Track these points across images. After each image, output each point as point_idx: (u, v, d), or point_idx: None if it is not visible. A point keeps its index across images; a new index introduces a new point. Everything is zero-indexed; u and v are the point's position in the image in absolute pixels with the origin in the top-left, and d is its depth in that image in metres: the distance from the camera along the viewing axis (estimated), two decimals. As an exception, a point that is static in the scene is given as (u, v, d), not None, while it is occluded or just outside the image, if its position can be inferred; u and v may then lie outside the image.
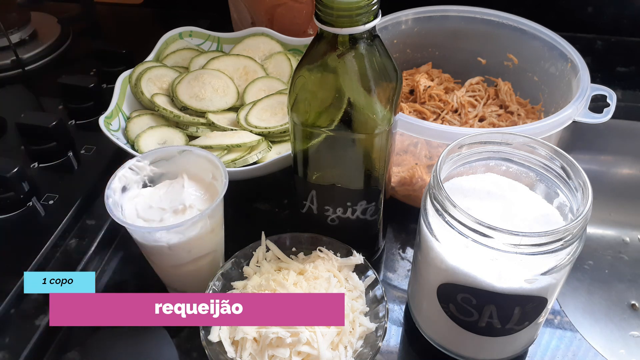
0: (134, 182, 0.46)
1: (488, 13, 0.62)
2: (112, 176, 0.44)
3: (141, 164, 0.46)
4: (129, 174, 0.45)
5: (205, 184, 0.46)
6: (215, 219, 0.44)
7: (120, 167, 0.44)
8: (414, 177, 0.53)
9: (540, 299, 0.37)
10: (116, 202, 0.43)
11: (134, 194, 0.45)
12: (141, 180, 0.46)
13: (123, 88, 0.60)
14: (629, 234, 0.61)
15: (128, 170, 0.45)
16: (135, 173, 0.46)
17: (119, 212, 0.43)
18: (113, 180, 0.44)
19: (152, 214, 0.44)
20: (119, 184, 0.44)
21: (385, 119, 0.40)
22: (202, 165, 0.46)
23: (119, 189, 0.44)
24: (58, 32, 0.82)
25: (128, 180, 0.45)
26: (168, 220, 0.43)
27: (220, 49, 0.68)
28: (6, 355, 0.44)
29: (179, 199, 0.44)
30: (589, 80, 0.53)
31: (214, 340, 0.40)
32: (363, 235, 0.49)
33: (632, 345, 0.51)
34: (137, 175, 0.46)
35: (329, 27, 0.36)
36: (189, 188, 0.45)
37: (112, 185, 0.43)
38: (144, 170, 0.46)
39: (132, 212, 0.44)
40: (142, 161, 0.46)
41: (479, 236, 0.34)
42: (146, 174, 0.46)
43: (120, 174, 0.44)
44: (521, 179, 0.42)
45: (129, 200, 0.45)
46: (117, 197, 0.44)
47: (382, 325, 0.42)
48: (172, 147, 0.48)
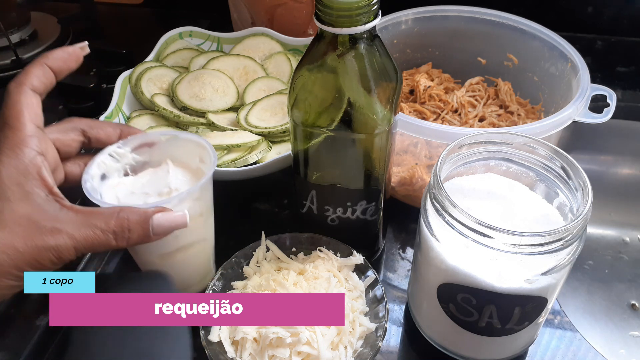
0: (115, 171, 0.42)
1: (488, 13, 0.62)
2: (90, 162, 0.41)
3: (122, 151, 0.42)
4: (109, 161, 0.42)
5: (192, 170, 0.43)
6: (203, 202, 0.42)
7: (99, 153, 0.41)
8: (414, 177, 0.53)
9: (540, 299, 0.37)
10: (94, 188, 0.40)
11: (114, 183, 0.42)
12: (122, 168, 0.43)
13: (123, 88, 0.60)
14: (629, 233, 0.61)
15: (108, 157, 0.42)
16: (115, 160, 0.42)
17: (98, 196, 0.39)
18: (91, 166, 0.40)
19: (135, 199, 0.41)
20: (98, 171, 0.41)
21: (385, 119, 0.40)
22: (188, 150, 0.43)
23: (98, 175, 0.41)
24: (58, 32, 0.82)
25: (108, 168, 0.42)
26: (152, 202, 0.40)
27: (220, 49, 0.68)
28: (6, 355, 0.44)
29: (164, 182, 0.42)
30: (589, 80, 0.53)
31: (214, 340, 0.40)
32: (363, 235, 0.49)
33: (632, 345, 0.51)
34: (118, 163, 0.42)
35: (329, 27, 0.36)
36: (175, 174, 0.43)
37: (90, 171, 0.40)
38: (125, 157, 0.43)
39: (113, 199, 0.41)
40: (123, 148, 0.42)
41: (479, 236, 0.34)
42: (127, 162, 0.43)
43: (99, 160, 0.41)
44: (521, 179, 0.42)
45: (110, 188, 0.42)
46: (96, 184, 0.41)
47: (382, 325, 0.42)
48: (156, 132, 0.45)
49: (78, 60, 0.40)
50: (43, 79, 0.37)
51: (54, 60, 0.38)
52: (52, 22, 0.84)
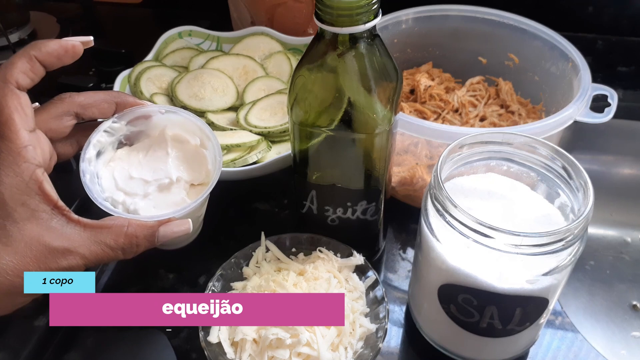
0: (109, 144, 0.40)
1: (489, 12, 0.62)
2: (86, 144, 0.38)
3: (117, 125, 0.40)
4: (105, 138, 0.40)
5: (192, 150, 0.42)
6: (203, 206, 0.42)
7: (94, 132, 0.39)
8: (414, 177, 0.53)
9: (542, 300, 0.37)
10: (93, 174, 0.39)
11: (108, 157, 0.40)
12: (116, 140, 0.41)
13: (122, 88, 0.60)
14: (630, 234, 0.61)
15: (103, 134, 0.39)
16: (110, 135, 0.40)
17: (96, 187, 0.38)
18: (87, 149, 0.38)
19: (134, 186, 0.40)
20: (94, 151, 0.39)
21: (385, 118, 0.40)
22: (187, 126, 0.41)
23: (94, 156, 0.39)
24: (57, 32, 0.82)
25: (103, 144, 0.40)
26: (153, 196, 0.40)
27: (220, 49, 0.68)
28: (6, 355, 0.44)
29: (164, 168, 0.40)
30: (589, 79, 0.53)
31: (214, 342, 0.40)
32: (363, 235, 0.49)
33: (634, 346, 0.51)
34: (113, 137, 0.40)
35: (329, 26, 0.36)
36: (174, 155, 0.41)
37: (87, 155, 0.38)
38: (121, 131, 0.41)
39: (110, 182, 0.39)
40: (119, 122, 0.40)
41: (480, 236, 0.34)
42: (122, 133, 0.41)
43: (95, 140, 0.39)
44: (522, 179, 0.42)
45: (105, 165, 0.40)
46: (93, 167, 0.39)
47: (382, 326, 0.41)
48: (154, 106, 0.41)
49: (76, 56, 0.36)
50: (31, 74, 0.35)
51: (46, 54, 0.35)
52: (52, 22, 0.84)
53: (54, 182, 0.35)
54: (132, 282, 0.51)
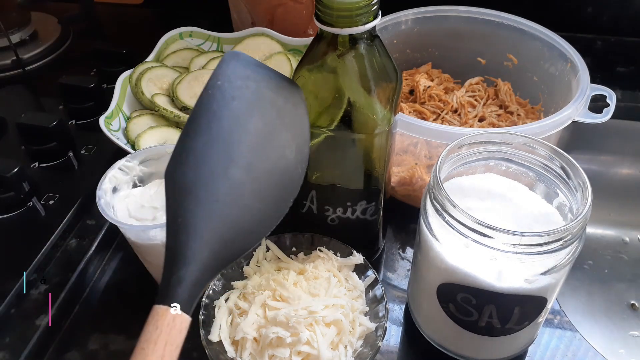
0: (124, 183, 0.46)
1: (488, 13, 0.62)
2: (103, 177, 0.44)
3: (130, 164, 0.46)
4: (119, 175, 0.45)
5: None
6: None
7: (110, 168, 0.45)
8: (413, 177, 0.53)
9: (540, 299, 0.37)
10: (108, 203, 0.43)
11: (124, 195, 0.46)
12: (131, 180, 0.47)
13: (123, 88, 0.60)
14: (628, 233, 0.61)
15: (118, 170, 0.45)
16: (125, 173, 0.46)
17: (111, 212, 0.43)
18: (103, 182, 0.44)
19: (145, 212, 0.44)
20: (110, 185, 0.45)
21: (385, 119, 0.40)
22: None
23: (110, 189, 0.45)
24: (58, 32, 0.82)
25: (118, 181, 0.45)
26: (161, 218, 0.43)
27: (221, 49, 0.68)
28: (6, 355, 0.44)
29: None
30: (588, 80, 0.53)
31: (214, 340, 0.41)
32: (363, 235, 0.49)
33: (632, 345, 0.51)
34: (127, 176, 0.46)
35: (329, 27, 0.36)
36: None
37: (102, 186, 0.44)
38: (134, 170, 0.46)
39: (124, 212, 0.44)
40: (132, 161, 0.46)
41: (479, 236, 0.34)
42: (136, 174, 0.47)
43: (110, 175, 0.45)
44: (521, 179, 0.42)
45: (120, 200, 0.45)
46: (109, 198, 0.44)
47: (382, 325, 0.42)
48: (161, 146, 0.48)
49: None
50: None
51: None
52: (53, 22, 0.84)
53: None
54: (132, 282, 0.51)
